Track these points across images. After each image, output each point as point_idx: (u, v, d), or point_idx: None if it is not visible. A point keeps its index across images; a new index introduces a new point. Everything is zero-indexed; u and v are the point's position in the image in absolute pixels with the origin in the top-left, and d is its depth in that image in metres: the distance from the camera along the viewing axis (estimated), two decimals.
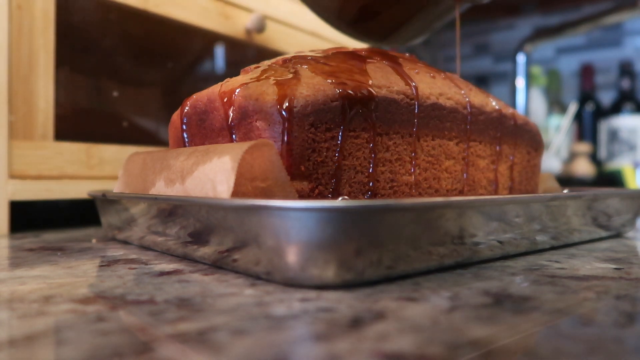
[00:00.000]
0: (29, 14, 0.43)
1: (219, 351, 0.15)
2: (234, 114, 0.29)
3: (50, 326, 0.17)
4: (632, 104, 1.20)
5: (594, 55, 1.33)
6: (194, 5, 0.55)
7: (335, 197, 0.28)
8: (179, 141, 0.34)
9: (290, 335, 0.16)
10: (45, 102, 0.44)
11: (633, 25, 1.28)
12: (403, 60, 0.35)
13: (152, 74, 0.54)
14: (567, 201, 0.34)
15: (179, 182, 0.29)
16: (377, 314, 0.18)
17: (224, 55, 0.60)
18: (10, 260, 0.30)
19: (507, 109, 0.40)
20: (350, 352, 0.14)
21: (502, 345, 0.15)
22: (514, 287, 0.22)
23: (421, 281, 0.23)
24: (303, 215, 0.21)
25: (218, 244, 0.26)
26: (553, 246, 0.34)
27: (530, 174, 0.43)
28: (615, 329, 0.17)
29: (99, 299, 0.20)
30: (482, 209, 0.27)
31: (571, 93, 1.35)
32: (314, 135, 0.27)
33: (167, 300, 0.20)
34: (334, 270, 0.21)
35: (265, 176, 0.25)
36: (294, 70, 0.30)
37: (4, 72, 0.41)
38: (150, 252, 0.32)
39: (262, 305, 0.19)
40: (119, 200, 0.34)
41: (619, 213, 0.40)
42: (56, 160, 0.44)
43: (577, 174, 1.15)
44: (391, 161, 0.31)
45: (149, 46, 0.53)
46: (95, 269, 0.27)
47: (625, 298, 0.21)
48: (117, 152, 0.48)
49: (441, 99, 0.34)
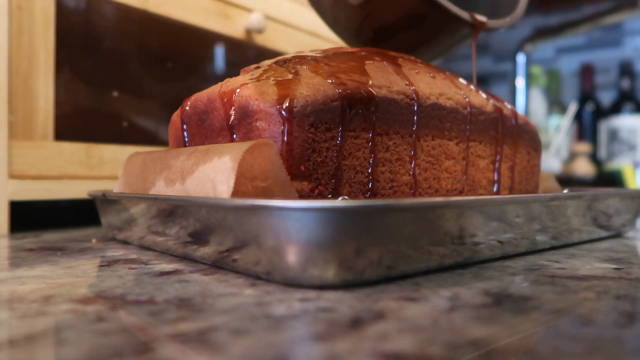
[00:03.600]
0: (29, 14, 0.43)
1: (219, 351, 0.15)
2: (234, 114, 0.29)
3: (50, 326, 0.17)
4: (632, 104, 1.20)
5: (594, 55, 1.33)
6: (194, 5, 0.55)
7: (335, 197, 0.28)
8: (179, 141, 0.34)
9: (290, 335, 0.16)
10: (45, 102, 0.44)
11: (633, 25, 1.28)
12: (403, 60, 0.35)
13: (152, 74, 0.54)
14: (567, 201, 0.34)
15: (179, 182, 0.29)
16: (377, 314, 0.18)
17: (224, 55, 0.60)
18: (10, 260, 0.30)
19: (507, 109, 0.40)
20: (350, 352, 0.14)
21: (502, 345, 0.15)
22: (514, 287, 0.22)
23: (421, 281, 0.23)
24: (303, 215, 0.21)
25: (218, 244, 0.26)
26: (553, 246, 0.34)
27: (530, 174, 0.43)
28: (615, 329, 0.17)
29: (99, 299, 0.20)
30: (482, 209, 0.27)
31: (571, 93, 1.35)
32: (314, 135, 0.27)
33: (167, 300, 0.20)
34: (334, 270, 0.21)
35: (266, 176, 0.25)
36: (294, 70, 0.30)
37: (4, 72, 0.41)
38: (150, 252, 0.32)
39: (262, 305, 0.19)
40: (119, 200, 0.34)
41: (619, 213, 0.40)
42: (56, 160, 0.44)
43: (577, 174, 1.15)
44: (391, 161, 0.31)
45: (149, 46, 0.53)
46: (95, 269, 0.27)
47: (625, 298, 0.21)
48: (117, 152, 0.48)
49: (441, 99, 0.34)
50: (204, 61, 0.59)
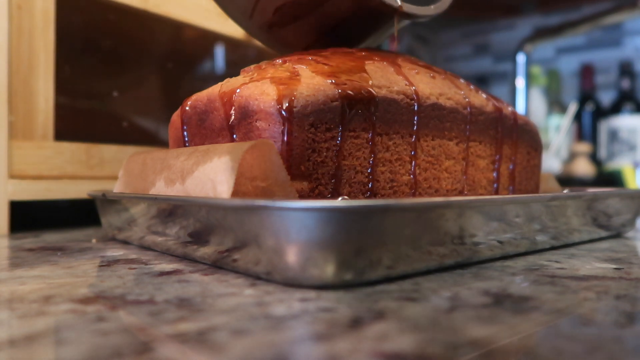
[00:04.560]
0: (29, 14, 0.43)
1: (219, 351, 0.15)
2: (234, 114, 0.29)
3: (50, 326, 0.17)
4: (632, 104, 1.20)
5: (594, 55, 1.33)
6: (194, 5, 0.55)
7: (335, 197, 0.28)
8: (179, 141, 0.34)
9: (290, 335, 0.16)
10: (45, 102, 0.44)
11: (633, 25, 1.28)
12: (403, 61, 0.35)
13: (152, 74, 0.54)
14: (567, 201, 0.34)
15: (179, 182, 0.29)
16: (377, 314, 0.18)
17: (224, 55, 0.60)
18: (10, 260, 0.30)
19: (507, 109, 0.40)
20: (350, 352, 0.14)
21: (502, 345, 0.15)
22: (514, 287, 0.22)
23: (421, 281, 0.23)
24: (303, 215, 0.21)
25: (218, 244, 0.26)
26: (553, 246, 0.34)
27: (530, 174, 0.43)
28: (615, 329, 0.17)
29: (99, 299, 0.20)
30: (482, 209, 0.27)
31: (571, 93, 1.35)
32: (313, 135, 0.27)
33: (167, 300, 0.20)
34: (333, 270, 0.21)
35: (266, 176, 0.25)
36: (294, 70, 0.30)
37: (4, 72, 0.41)
38: (150, 252, 0.32)
39: (262, 305, 0.19)
40: (119, 200, 0.34)
41: (619, 213, 0.40)
42: (56, 160, 0.44)
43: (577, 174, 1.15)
44: (391, 161, 0.31)
45: (149, 46, 0.53)
46: (95, 269, 0.27)
47: (625, 298, 0.21)
48: (117, 152, 0.48)
49: (441, 99, 0.34)
50: (204, 61, 0.59)
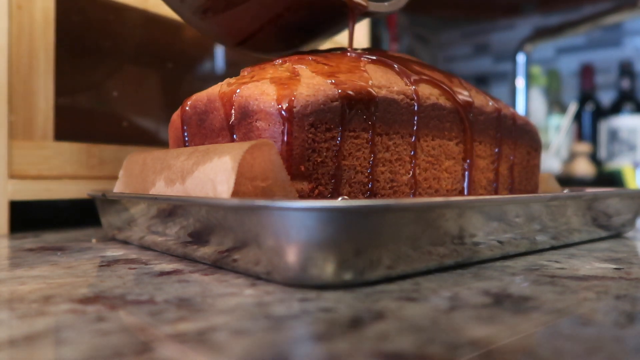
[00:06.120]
0: (29, 14, 0.43)
1: (219, 351, 0.15)
2: (234, 114, 0.29)
3: (50, 326, 0.17)
4: (632, 104, 1.20)
5: (594, 55, 1.33)
6: None
7: (335, 197, 0.28)
8: (179, 141, 0.34)
9: (290, 335, 0.16)
10: (45, 102, 0.44)
11: (633, 25, 1.28)
12: (403, 61, 0.35)
13: (151, 74, 0.54)
14: (567, 201, 0.34)
15: (179, 182, 0.29)
16: (377, 314, 0.18)
17: (224, 55, 0.60)
18: (10, 260, 0.30)
19: (507, 110, 0.40)
20: (350, 352, 0.14)
21: (502, 345, 0.15)
22: (514, 287, 0.22)
23: (421, 281, 0.23)
24: (303, 215, 0.21)
25: (218, 244, 0.26)
26: (553, 246, 0.34)
27: (530, 174, 0.43)
28: (615, 329, 0.17)
29: (99, 299, 0.20)
30: (482, 209, 0.27)
31: (571, 93, 1.35)
32: (313, 135, 0.27)
33: (167, 300, 0.20)
34: (334, 270, 0.21)
35: (266, 176, 0.25)
36: (294, 70, 0.30)
37: (4, 72, 0.41)
38: (150, 252, 0.32)
39: (262, 305, 0.19)
40: (119, 200, 0.34)
41: (619, 213, 0.40)
42: (56, 160, 0.44)
43: (577, 174, 1.15)
44: (391, 161, 0.31)
45: (148, 46, 0.53)
46: (95, 269, 0.27)
47: (625, 298, 0.21)
48: (117, 152, 0.48)
49: (441, 99, 0.34)
50: (204, 61, 0.59)
